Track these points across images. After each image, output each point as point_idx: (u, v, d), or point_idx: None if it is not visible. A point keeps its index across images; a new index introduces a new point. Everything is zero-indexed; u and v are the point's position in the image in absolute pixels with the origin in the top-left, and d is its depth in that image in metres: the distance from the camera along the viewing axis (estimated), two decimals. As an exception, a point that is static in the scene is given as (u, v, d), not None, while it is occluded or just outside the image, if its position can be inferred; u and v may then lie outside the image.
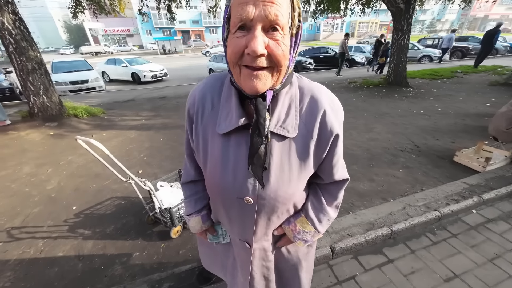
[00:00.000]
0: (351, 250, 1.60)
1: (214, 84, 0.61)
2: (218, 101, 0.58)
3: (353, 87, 6.56)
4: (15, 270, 1.55)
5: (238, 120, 0.53)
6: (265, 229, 0.67)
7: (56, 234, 1.84)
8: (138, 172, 2.69)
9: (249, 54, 0.43)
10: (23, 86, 4.16)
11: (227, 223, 0.71)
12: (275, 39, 0.43)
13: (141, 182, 1.57)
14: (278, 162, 0.55)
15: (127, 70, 10.32)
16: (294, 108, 0.55)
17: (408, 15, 5.65)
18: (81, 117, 4.58)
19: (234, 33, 0.45)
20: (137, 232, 1.82)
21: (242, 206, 0.60)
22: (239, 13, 0.42)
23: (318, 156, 0.58)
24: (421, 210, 1.87)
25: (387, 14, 43.40)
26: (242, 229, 0.67)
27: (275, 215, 0.63)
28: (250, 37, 0.42)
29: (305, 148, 0.56)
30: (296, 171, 0.57)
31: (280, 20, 0.42)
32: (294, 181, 0.58)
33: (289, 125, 0.54)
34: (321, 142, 0.57)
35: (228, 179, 0.57)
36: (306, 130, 0.55)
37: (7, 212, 2.11)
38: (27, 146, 3.51)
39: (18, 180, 2.63)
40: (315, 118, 0.55)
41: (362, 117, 4.12)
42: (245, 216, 0.62)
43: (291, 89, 0.56)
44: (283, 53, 0.45)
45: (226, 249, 0.79)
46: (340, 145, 0.61)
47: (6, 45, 3.84)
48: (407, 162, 2.65)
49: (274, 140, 0.55)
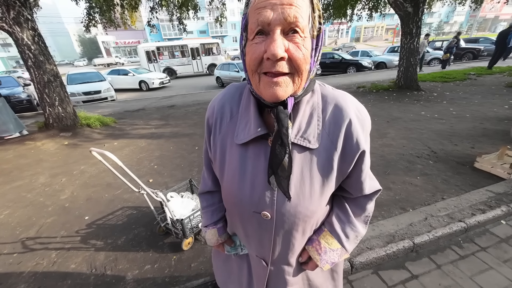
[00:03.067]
0: (371, 264, 1.51)
1: (234, 94, 0.60)
2: (237, 110, 0.57)
3: (362, 92, 6.47)
4: (28, 282, 1.55)
5: (257, 130, 0.51)
6: (285, 250, 0.61)
7: (69, 245, 1.84)
8: (148, 181, 2.70)
9: (269, 59, 0.41)
10: (40, 97, 4.32)
11: (244, 238, 0.66)
12: (295, 42, 0.41)
13: (153, 193, 1.55)
14: (298, 175, 0.51)
15: (134, 79, 10.97)
16: (316, 117, 0.52)
17: (417, 18, 5.58)
18: (94, 126, 4.70)
19: (253, 39, 0.43)
20: (148, 244, 1.79)
21: (259, 221, 0.56)
22: (256, 17, 0.41)
23: (342, 170, 0.54)
24: (445, 221, 1.76)
25: (393, 18, 43.30)
26: (260, 246, 0.62)
27: (295, 234, 0.57)
28: (269, 41, 0.41)
29: (329, 160, 0.52)
30: (318, 186, 0.52)
31: (300, 22, 0.40)
32: (316, 197, 0.53)
33: (311, 136, 0.51)
34: (346, 156, 0.52)
35: (245, 191, 0.54)
36: (330, 141, 0.51)
37: (23, 222, 2.14)
38: (43, 156, 3.61)
39: (34, 190, 2.68)
40: (339, 128, 0.51)
41: (373, 122, 3.98)
42: (262, 232, 0.58)
43: (312, 97, 0.53)
44: (304, 56, 0.43)
45: (242, 264, 0.74)
46: (368, 158, 0.56)
47: (25, 59, 4.02)
48: (424, 169, 2.53)
49: (294, 151, 0.51)
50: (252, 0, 0.43)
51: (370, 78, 8.72)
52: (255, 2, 0.42)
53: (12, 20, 3.73)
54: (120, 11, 6.18)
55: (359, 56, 12.63)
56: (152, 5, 5.87)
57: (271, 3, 0.39)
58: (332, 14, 7.95)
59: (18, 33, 3.81)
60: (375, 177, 0.62)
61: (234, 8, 38.78)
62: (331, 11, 7.88)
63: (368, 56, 12.29)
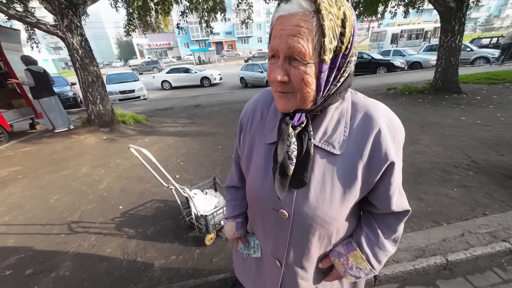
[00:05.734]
0: (397, 278, 1.44)
1: (267, 98, 0.65)
2: (267, 113, 0.62)
3: (393, 94, 6.08)
4: (73, 261, 1.75)
5: None
6: (301, 253, 0.60)
7: (105, 231, 2.03)
8: (175, 176, 2.86)
9: (271, 81, 0.48)
10: (84, 96, 4.82)
11: (262, 235, 0.68)
12: (296, 67, 0.45)
13: (181, 189, 1.65)
14: (320, 179, 0.52)
15: (196, 76, 12.04)
16: (343, 124, 0.52)
17: (461, 14, 5.08)
18: (128, 123, 5.10)
19: (270, 60, 0.50)
20: (174, 236, 1.91)
21: (277, 219, 0.58)
22: (271, 45, 0.47)
23: (367, 180, 0.53)
24: (486, 239, 1.60)
25: (431, 14, 39.77)
26: (276, 245, 0.63)
27: (311, 238, 0.57)
28: (274, 66, 0.47)
29: (353, 168, 0.51)
30: (339, 193, 0.52)
31: (301, 52, 0.43)
32: (336, 204, 0.53)
33: (336, 141, 0.52)
34: (373, 166, 0.51)
35: (266, 188, 0.57)
36: (356, 149, 0.51)
37: (69, 207, 2.42)
38: (85, 149, 4.02)
39: (77, 179, 3.01)
40: (367, 136, 0.51)
41: (404, 126, 3.66)
42: (279, 231, 0.60)
43: (342, 104, 0.54)
44: (304, 80, 0.45)
45: (259, 265, 0.76)
46: (398, 171, 0.54)
47: (74, 62, 4.52)
48: (463, 180, 2.32)
49: (317, 155, 0.53)
50: (272, 25, 0.47)
51: (402, 79, 8.16)
52: (273, 28, 0.47)
53: (65, 27, 4.21)
54: (154, 16, 6.61)
55: (390, 55, 11.83)
56: (182, 10, 6.18)
57: (280, 33, 0.44)
58: (363, 12, 7.58)
59: (69, 38, 4.29)
60: (405, 187, 0.60)
61: (260, 9, 38.94)
62: (361, 9, 7.52)
63: (401, 56, 11.44)
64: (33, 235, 2.04)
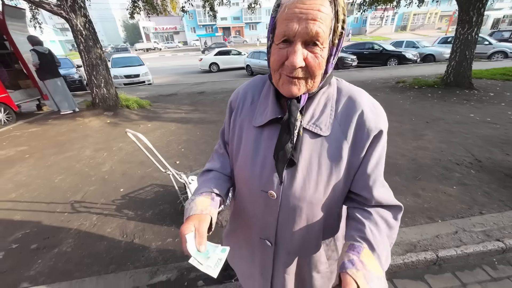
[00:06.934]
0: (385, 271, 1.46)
1: (257, 83, 0.66)
2: (258, 98, 0.63)
3: (401, 88, 5.91)
4: (74, 238, 1.83)
5: (273, 114, 0.57)
6: (289, 234, 0.60)
7: (106, 212, 2.11)
8: (175, 162, 2.90)
9: (289, 66, 0.47)
10: (89, 79, 4.83)
11: (249, 220, 0.67)
12: (314, 52, 0.46)
13: (178, 175, 1.68)
14: (307, 159, 0.54)
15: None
16: (329, 108, 0.55)
17: (480, 4, 4.79)
18: (132, 108, 5.13)
19: (278, 44, 0.48)
20: (171, 220, 1.97)
21: (266, 200, 0.59)
22: (283, 29, 0.46)
23: (351, 160, 0.54)
24: (479, 237, 1.60)
25: (450, 3, 37.65)
26: (265, 227, 0.63)
27: (299, 219, 0.58)
28: (291, 50, 0.46)
29: (338, 149, 0.53)
30: (325, 173, 0.54)
31: (321, 37, 0.44)
32: (323, 185, 0.54)
33: (323, 123, 0.54)
34: (357, 145, 0.53)
35: (256, 170, 0.59)
36: (341, 131, 0.54)
37: (72, 188, 2.50)
38: (89, 131, 4.09)
39: (81, 161, 3.09)
40: (351, 118, 0.53)
41: (409, 121, 3.69)
42: (268, 212, 0.60)
43: (328, 89, 0.57)
44: (319, 65, 0.48)
45: (250, 252, 0.74)
46: (379, 152, 0.53)
47: (78, 43, 4.49)
48: (464, 178, 2.29)
49: (306, 136, 0.55)
50: (282, 8, 0.46)
51: (413, 72, 7.88)
52: (285, 11, 0.45)
53: (69, 7, 4.15)
54: (160, -3, 6.44)
55: (403, 46, 11.39)
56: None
57: (298, 17, 0.43)
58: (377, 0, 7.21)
59: (73, 19, 4.24)
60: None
61: (270, -7, 37.46)
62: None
63: (414, 47, 10.99)
64: (38, 212, 2.13)
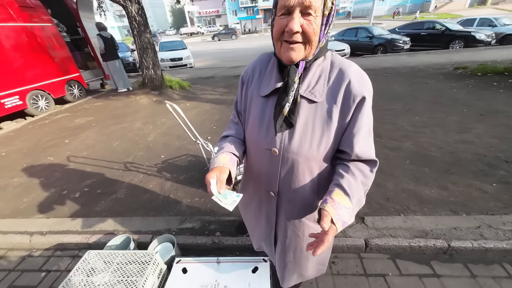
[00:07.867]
0: (389, 250, 1.51)
1: (264, 59, 0.76)
2: (264, 71, 0.74)
3: (459, 75, 5.12)
4: (126, 189, 2.31)
5: (276, 84, 0.67)
6: (289, 184, 0.72)
7: (150, 172, 2.55)
8: (207, 138, 3.22)
9: (288, 32, 0.57)
10: (140, 61, 5.46)
11: (256, 176, 0.80)
12: (308, 19, 0.56)
13: (205, 144, 1.94)
14: (303, 122, 0.65)
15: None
16: (323, 78, 0.65)
17: None
18: (174, 88, 5.67)
19: (279, 16, 0.58)
20: (199, 183, 2.29)
21: (270, 157, 0.71)
22: (283, 2, 0.56)
23: (340, 123, 0.64)
24: (505, 235, 1.49)
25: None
26: (269, 180, 0.76)
27: (297, 171, 0.70)
28: (290, 18, 0.56)
29: (329, 112, 0.64)
30: (318, 133, 0.64)
31: (313, 5, 0.54)
32: (316, 142, 0.65)
33: (317, 91, 0.64)
34: (344, 109, 0.63)
35: (262, 133, 0.70)
36: (332, 97, 0.64)
37: (125, 152, 3.04)
38: (139, 107, 4.73)
39: (132, 131, 3.67)
40: (340, 86, 0.63)
41: (458, 113, 3.27)
42: (271, 166, 0.72)
43: (323, 62, 0.66)
44: (314, 30, 0.56)
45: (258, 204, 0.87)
46: (365, 116, 0.63)
47: (132, 29, 5.07)
48: (509, 177, 2.04)
49: (303, 102, 0.65)
50: None
51: (481, 56, 6.65)
52: None
53: (125, -4, 4.68)
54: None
55: (474, 25, 9.36)
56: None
57: None
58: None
59: (129, 6, 4.78)
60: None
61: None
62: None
63: (490, 26, 8.95)
64: (102, 168, 2.70)
